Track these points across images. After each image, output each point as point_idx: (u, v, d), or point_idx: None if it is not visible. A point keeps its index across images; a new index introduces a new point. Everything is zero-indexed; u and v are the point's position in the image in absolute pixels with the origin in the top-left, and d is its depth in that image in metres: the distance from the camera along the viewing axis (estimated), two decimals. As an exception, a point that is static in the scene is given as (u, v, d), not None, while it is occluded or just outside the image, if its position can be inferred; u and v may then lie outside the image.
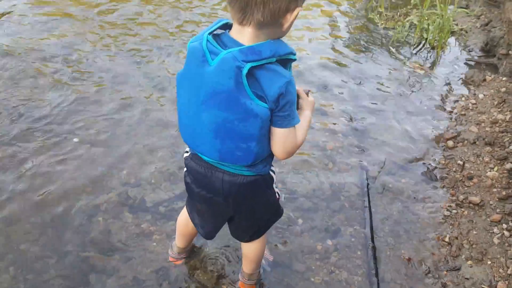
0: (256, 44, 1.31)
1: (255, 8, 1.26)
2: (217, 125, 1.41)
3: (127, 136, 2.90)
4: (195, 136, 1.50)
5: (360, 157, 2.90)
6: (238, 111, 1.35)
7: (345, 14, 4.72)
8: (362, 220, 2.47)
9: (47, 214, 2.35)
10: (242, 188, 1.57)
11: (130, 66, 3.58)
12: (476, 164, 2.85)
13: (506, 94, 3.43)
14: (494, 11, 4.58)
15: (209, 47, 1.34)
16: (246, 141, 1.41)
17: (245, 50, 1.29)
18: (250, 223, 1.79)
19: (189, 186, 1.69)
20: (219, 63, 1.31)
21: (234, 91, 1.32)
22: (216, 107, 1.38)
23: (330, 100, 3.41)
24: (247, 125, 1.37)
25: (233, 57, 1.29)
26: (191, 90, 1.42)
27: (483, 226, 2.46)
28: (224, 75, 1.31)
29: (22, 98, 3.11)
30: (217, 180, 1.56)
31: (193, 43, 1.37)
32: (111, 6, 4.42)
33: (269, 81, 1.31)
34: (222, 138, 1.43)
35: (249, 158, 1.46)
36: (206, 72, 1.34)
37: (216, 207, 1.69)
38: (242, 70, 1.29)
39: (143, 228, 2.34)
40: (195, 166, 1.59)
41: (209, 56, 1.34)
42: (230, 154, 1.46)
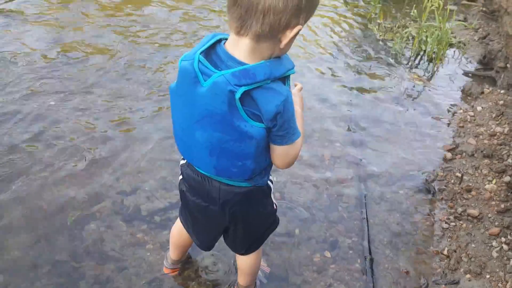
0: (250, 66, 1.25)
1: (254, 18, 1.21)
2: (211, 144, 1.38)
3: (122, 144, 2.86)
4: (191, 152, 1.48)
5: (358, 167, 2.88)
6: (233, 133, 1.33)
7: (344, 25, 4.73)
8: (360, 232, 2.45)
9: (40, 222, 2.31)
10: (239, 197, 1.54)
11: (123, 74, 3.56)
12: (474, 177, 2.84)
13: (504, 107, 3.42)
14: (492, 24, 4.60)
15: (201, 68, 1.29)
16: (241, 159, 1.39)
17: (237, 74, 1.24)
18: (246, 234, 1.75)
19: (184, 194, 1.66)
20: (212, 86, 1.27)
21: (227, 114, 1.29)
22: (210, 127, 1.35)
23: (328, 110, 3.40)
24: (242, 145, 1.35)
25: (226, 81, 1.24)
26: (185, 108, 1.38)
27: (482, 239, 2.43)
28: (217, 98, 1.27)
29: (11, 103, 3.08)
30: (213, 189, 1.53)
31: (184, 62, 1.32)
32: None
33: (265, 100, 1.27)
34: (217, 156, 1.40)
35: (245, 174, 1.44)
36: (199, 93, 1.30)
37: (211, 216, 1.65)
38: (235, 95, 1.25)
39: (138, 237, 2.30)
40: (191, 173, 1.56)
41: (201, 77, 1.29)
42: (226, 171, 1.44)
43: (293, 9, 1.21)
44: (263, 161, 1.44)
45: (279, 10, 1.19)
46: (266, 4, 1.18)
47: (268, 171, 1.55)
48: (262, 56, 1.29)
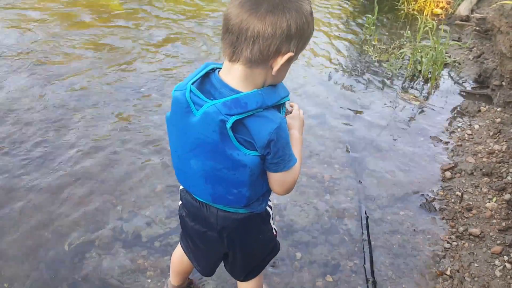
0: (242, 95, 1.25)
1: (244, 44, 1.22)
2: (206, 172, 1.39)
3: (122, 170, 2.86)
4: (187, 178, 1.48)
5: (358, 189, 2.88)
6: (226, 162, 1.33)
7: (339, 47, 4.78)
8: (362, 254, 2.43)
9: (39, 249, 2.29)
10: (236, 224, 1.53)
11: (120, 92, 3.57)
12: (474, 195, 2.83)
13: (501, 125, 3.44)
14: (486, 43, 4.66)
15: (192, 98, 1.31)
16: (236, 187, 1.39)
17: (229, 103, 1.25)
18: (245, 260, 1.73)
19: (184, 219, 1.66)
20: (203, 116, 1.28)
21: (219, 143, 1.29)
22: (203, 156, 1.36)
23: (326, 131, 3.41)
24: (236, 173, 1.35)
25: (216, 110, 1.25)
26: (179, 137, 1.41)
27: (484, 258, 2.42)
28: (208, 128, 1.28)
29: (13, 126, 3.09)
30: (211, 215, 1.53)
31: (177, 93, 1.34)
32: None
33: (257, 128, 1.27)
34: (212, 184, 1.41)
35: (242, 201, 1.43)
36: (191, 122, 1.32)
37: (210, 242, 1.64)
38: (226, 124, 1.25)
39: (138, 263, 2.28)
40: (190, 199, 1.57)
41: (193, 107, 1.31)
42: (222, 198, 1.44)
43: (282, 36, 1.22)
44: (260, 188, 1.43)
45: (268, 36, 1.21)
46: (255, 30, 1.20)
47: (267, 197, 1.54)
48: (255, 84, 1.29)
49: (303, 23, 1.24)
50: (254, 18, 1.20)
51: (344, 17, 5.51)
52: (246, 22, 1.20)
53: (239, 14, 1.21)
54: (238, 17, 1.21)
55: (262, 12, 1.20)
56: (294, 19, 1.22)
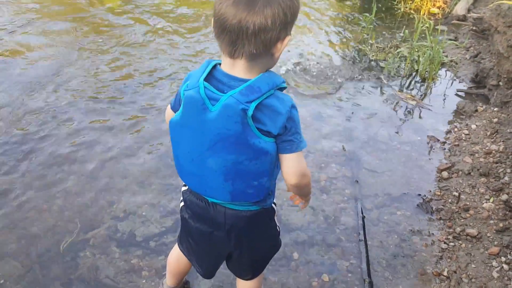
0: (252, 81, 1.30)
1: (246, 41, 1.25)
2: (226, 168, 1.38)
3: (117, 169, 2.84)
4: (203, 182, 1.46)
5: (354, 188, 2.86)
6: (248, 152, 1.35)
7: (336, 46, 4.76)
8: (358, 254, 2.41)
9: (33, 249, 2.27)
10: (245, 221, 1.53)
11: (120, 96, 3.55)
12: (471, 195, 2.82)
13: (498, 125, 3.43)
14: (483, 43, 4.65)
15: (207, 94, 1.31)
16: (257, 178, 1.41)
17: (244, 91, 1.28)
18: (252, 259, 1.73)
19: (187, 221, 1.63)
20: (223, 109, 1.29)
21: (241, 134, 1.31)
22: (224, 151, 1.36)
23: (322, 131, 3.39)
24: (258, 163, 1.37)
25: (236, 101, 1.28)
26: (194, 138, 1.38)
27: (482, 259, 2.41)
28: (229, 120, 1.30)
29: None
30: (219, 214, 1.52)
31: (188, 92, 1.33)
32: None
33: (275, 107, 1.31)
34: (232, 179, 1.41)
35: (261, 193, 1.45)
36: (208, 119, 1.32)
37: (215, 243, 1.62)
38: (247, 112, 1.28)
39: (133, 263, 2.26)
40: (195, 200, 1.55)
41: (209, 102, 1.31)
42: (242, 194, 1.44)
43: (281, 24, 1.26)
44: (275, 177, 1.48)
45: (269, 28, 1.24)
46: (256, 27, 1.23)
47: (274, 192, 1.58)
48: (260, 71, 1.34)
49: (295, 6, 1.29)
50: (253, 15, 1.22)
51: (341, 16, 5.50)
52: (246, 20, 1.22)
53: (236, 14, 1.22)
54: (235, 17, 1.23)
55: (260, 7, 1.22)
56: (288, 6, 1.26)
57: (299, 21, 5.16)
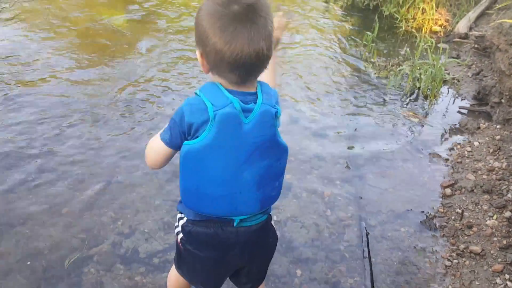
0: (262, 89, 1.37)
1: (261, 67, 1.32)
2: (260, 176, 1.42)
3: (121, 185, 2.85)
4: (234, 200, 1.44)
5: (358, 205, 2.87)
6: (277, 152, 1.42)
7: (338, 64, 4.80)
8: (362, 271, 2.41)
9: (39, 265, 2.28)
10: (257, 234, 1.56)
11: (123, 116, 3.58)
12: (475, 213, 2.82)
13: (501, 142, 3.44)
14: (485, 60, 4.69)
15: (242, 107, 1.32)
16: (278, 178, 1.48)
17: (266, 97, 1.36)
18: (263, 268, 1.75)
19: (191, 252, 1.58)
20: (260, 117, 1.34)
21: (274, 136, 1.39)
22: (258, 159, 1.39)
23: (326, 148, 3.41)
24: (281, 161, 1.45)
25: (268, 107, 1.35)
26: (229, 156, 1.37)
27: (486, 276, 2.40)
28: (265, 125, 1.36)
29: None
30: (231, 235, 1.51)
31: (221, 110, 1.30)
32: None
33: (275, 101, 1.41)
34: (263, 187, 1.45)
35: (279, 193, 1.53)
36: (245, 131, 1.34)
37: (227, 264, 1.62)
38: (277, 114, 1.37)
39: (136, 280, 2.26)
40: (202, 229, 1.51)
41: (243, 115, 1.33)
42: (268, 199, 1.50)
43: (272, 35, 1.30)
44: None
45: (270, 48, 1.29)
46: (266, 49, 1.27)
47: None
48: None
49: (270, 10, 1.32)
50: (264, 40, 1.25)
51: (343, 34, 5.55)
52: (261, 49, 1.26)
53: (253, 47, 1.24)
54: (253, 50, 1.24)
55: (263, 28, 1.25)
56: (271, 18, 1.29)
57: (301, 38, 5.22)
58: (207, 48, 1.26)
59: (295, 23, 5.63)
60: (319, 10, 6.18)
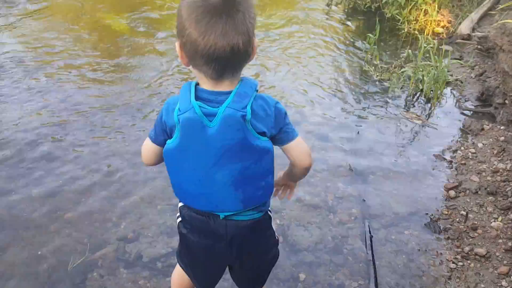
0: (238, 89, 1.33)
1: (236, 62, 1.30)
2: (235, 178, 1.41)
3: (124, 190, 2.85)
4: (212, 199, 1.47)
5: (362, 207, 2.86)
6: (253, 155, 1.38)
7: (341, 67, 4.79)
8: (366, 274, 2.40)
9: (42, 270, 2.28)
10: (246, 231, 1.54)
11: (126, 118, 3.58)
12: (479, 214, 2.81)
13: (505, 143, 3.42)
14: (488, 61, 4.67)
15: (203, 111, 1.32)
16: (264, 178, 1.46)
17: (236, 99, 1.32)
18: (253, 269, 1.73)
19: (186, 236, 1.62)
20: (223, 121, 1.31)
21: (244, 139, 1.35)
22: (230, 162, 1.38)
23: (329, 151, 3.40)
24: (263, 163, 1.41)
25: (233, 110, 1.31)
26: (197, 158, 1.39)
27: (491, 279, 2.39)
28: (231, 129, 1.33)
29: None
30: (220, 226, 1.52)
31: (183, 115, 1.33)
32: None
33: (264, 111, 1.36)
34: (243, 187, 1.43)
35: (268, 191, 1.51)
36: (210, 135, 1.33)
37: (216, 255, 1.62)
38: (246, 117, 1.31)
39: (140, 284, 2.26)
40: (194, 214, 1.55)
41: (206, 119, 1.32)
42: (252, 198, 1.48)
43: (253, 29, 1.28)
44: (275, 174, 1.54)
45: (250, 39, 1.27)
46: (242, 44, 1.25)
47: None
48: (239, 78, 1.38)
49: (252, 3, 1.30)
50: (240, 35, 1.24)
51: (345, 36, 5.54)
52: (237, 44, 1.24)
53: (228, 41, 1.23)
54: (228, 45, 1.23)
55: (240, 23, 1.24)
56: (249, 5, 1.27)
57: (302, 41, 5.22)
58: (184, 38, 1.26)
59: (296, 27, 5.63)
60: (320, 13, 6.17)
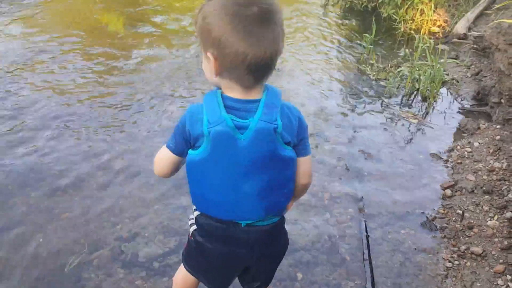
0: (265, 99, 1.33)
1: (271, 70, 1.31)
2: (262, 188, 1.42)
3: (121, 190, 2.85)
4: (236, 209, 1.46)
5: (358, 207, 2.86)
6: (281, 165, 1.40)
7: (337, 67, 4.80)
8: (363, 274, 2.40)
9: (39, 270, 2.27)
10: (267, 234, 1.56)
11: (122, 116, 3.58)
12: (475, 213, 2.82)
13: (501, 142, 3.43)
14: (484, 61, 4.68)
15: (235, 124, 1.31)
16: (287, 185, 1.47)
17: (266, 111, 1.32)
18: (271, 270, 1.75)
19: (202, 244, 1.59)
20: (255, 134, 1.32)
21: (275, 151, 1.36)
22: (259, 173, 1.39)
23: (326, 150, 3.40)
24: (288, 171, 1.44)
25: (265, 123, 1.31)
26: (225, 170, 1.38)
27: (487, 277, 2.39)
28: (263, 142, 1.34)
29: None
30: (241, 232, 1.51)
31: (214, 128, 1.30)
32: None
33: (290, 121, 1.37)
34: (268, 196, 1.44)
35: (290, 197, 1.52)
36: (240, 147, 1.33)
37: (235, 260, 1.61)
38: (277, 129, 1.32)
39: (137, 284, 2.26)
40: (212, 222, 1.52)
41: (238, 132, 1.32)
42: (276, 205, 1.49)
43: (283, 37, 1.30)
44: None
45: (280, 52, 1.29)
46: (279, 53, 1.28)
47: None
48: (264, 85, 1.37)
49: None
50: (277, 44, 1.27)
51: (341, 36, 5.55)
52: (276, 53, 1.27)
53: (267, 51, 1.24)
54: (267, 53, 1.25)
55: (277, 35, 1.26)
56: (280, 16, 1.28)
57: (299, 42, 5.22)
58: (226, 50, 1.23)
59: (293, 27, 5.63)
60: (317, 12, 6.18)
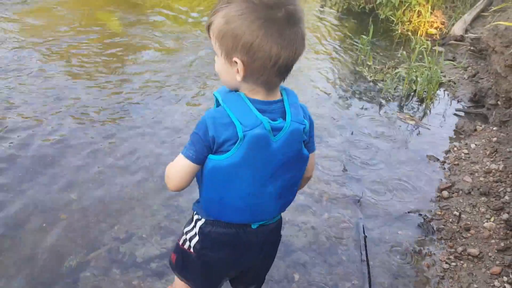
0: (288, 99, 1.36)
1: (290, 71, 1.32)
2: (283, 187, 1.43)
3: (118, 190, 2.84)
4: (256, 211, 1.45)
5: (356, 208, 2.87)
6: (301, 164, 1.43)
7: (334, 68, 4.81)
8: (360, 275, 2.41)
9: (35, 270, 2.26)
10: (274, 232, 1.59)
11: (119, 116, 3.57)
12: (472, 215, 2.82)
13: (497, 144, 3.45)
14: (480, 63, 4.71)
15: (271, 126, 1.30)
16: (297, 183, 1.49)
17: (293, 111, 1.34)
18: (266, 267, 1.76)
19: (206, 254, 1.55)
20: (290, 135, 1.33)
21: (301, 150, 1.39)
22: (284, 173, 1.40)
23: (323, 151, 3.40)
24: (302, 169, 1.46)
25: (298, 124, 1.34)
26: (255, 173, 1.35)
27: (484, 279, 2.40)
28: (294, 143, 1.35)
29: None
30: (252, 235, 1.51)
31: (251, 131, 1.27)
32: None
33: (304, 114, 1.39)
34: (285, 195, 1.47)
35: (295, 194, 1.54)
36: (273, 149, 1.33)
37: (241, 264, 1.61)
38: (305, 129, 1.36)
39: (134, 285, 2.25)
40: (221, 229, 1.49)
41: (272, 134, 1.31)
42: (288, 202, 1.52)
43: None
44: None
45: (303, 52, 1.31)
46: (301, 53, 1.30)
47: None
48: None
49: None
50: (302, 44, 1.28)
51: (339, 38, 5.56)
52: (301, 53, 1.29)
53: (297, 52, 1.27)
54: (297, 54, 1.28)
55: (301, 36, 1.26)
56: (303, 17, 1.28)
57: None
58: (259, 54, 1.21)
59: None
60: (314, 13, 6.19)
